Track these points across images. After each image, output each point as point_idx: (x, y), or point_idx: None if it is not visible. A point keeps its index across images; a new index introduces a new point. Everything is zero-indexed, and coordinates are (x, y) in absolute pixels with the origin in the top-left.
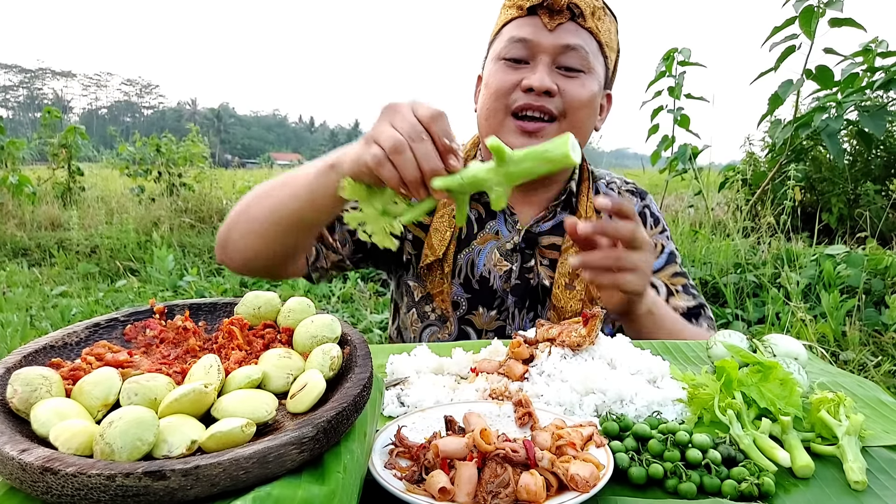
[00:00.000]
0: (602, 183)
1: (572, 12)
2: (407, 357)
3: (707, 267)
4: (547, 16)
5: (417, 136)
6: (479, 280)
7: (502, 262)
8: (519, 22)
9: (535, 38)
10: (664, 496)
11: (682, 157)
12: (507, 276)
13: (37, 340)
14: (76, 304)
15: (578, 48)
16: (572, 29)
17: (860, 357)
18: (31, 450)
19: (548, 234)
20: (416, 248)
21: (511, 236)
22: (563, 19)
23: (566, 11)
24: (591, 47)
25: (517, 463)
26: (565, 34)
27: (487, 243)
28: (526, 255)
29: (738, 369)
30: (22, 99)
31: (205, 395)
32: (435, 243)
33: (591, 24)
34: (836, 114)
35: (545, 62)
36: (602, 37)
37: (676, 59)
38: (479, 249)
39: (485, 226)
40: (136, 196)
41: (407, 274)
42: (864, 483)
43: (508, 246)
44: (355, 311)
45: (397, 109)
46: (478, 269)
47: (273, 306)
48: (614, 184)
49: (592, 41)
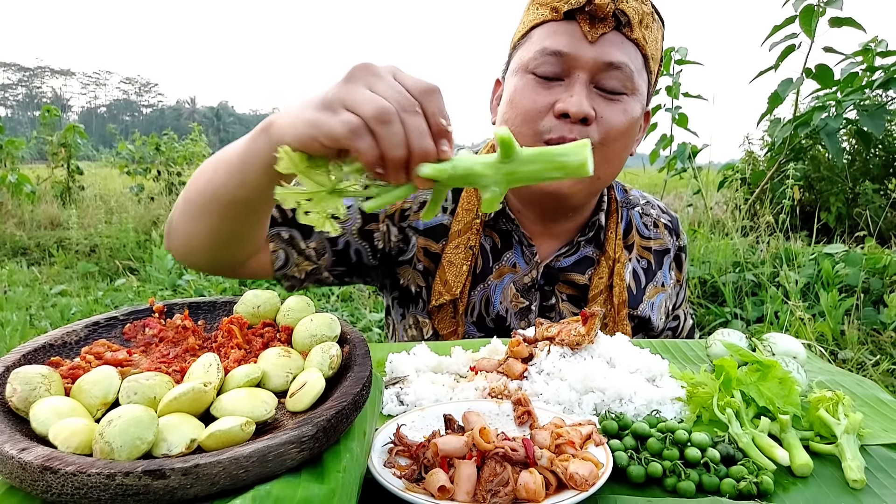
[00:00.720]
0: (636, 212)
1: (618, 20)
2: (406, 356)
3: (706, 266)
4: (588, 23)
5: (410, 107)
6: (494, 318)
7: (519, 300)
8: (552, 28)
9: (573, 52)
10: (663, 495)
11: (681, 156)
12: (523, 314)
13: (36, 339)
14: (75, 303)
15: (623, 66)
16: (617, 41)
17: (859, 356)
18: (31, 449)
19: (569, 270)
20: (425, 280)
21: (528, 270)
22: (606, 28)
23: (611, 19)
24: (637, 63)
25: (516, 461)
26: (608, 48)
27: (504, 277)
28: (545, 293)
29: (737, 368)
30: (21, 97)
31: (204, 393)
32: (450, 279)
33: (639, 35)
34: (835, 113)
35: (582, 81)
36: (649, 49)
37: (674, 59)
38: (495, 285)
39: (501, 258)
40: (136, 195)
41: (416, 307)
42: (862, 481)
43: (526, 280)
44: (354, 309)
45: (376, 72)
46: (494, 307)
47: (272, 305)
48: (649, 216)
49: (638, 56)
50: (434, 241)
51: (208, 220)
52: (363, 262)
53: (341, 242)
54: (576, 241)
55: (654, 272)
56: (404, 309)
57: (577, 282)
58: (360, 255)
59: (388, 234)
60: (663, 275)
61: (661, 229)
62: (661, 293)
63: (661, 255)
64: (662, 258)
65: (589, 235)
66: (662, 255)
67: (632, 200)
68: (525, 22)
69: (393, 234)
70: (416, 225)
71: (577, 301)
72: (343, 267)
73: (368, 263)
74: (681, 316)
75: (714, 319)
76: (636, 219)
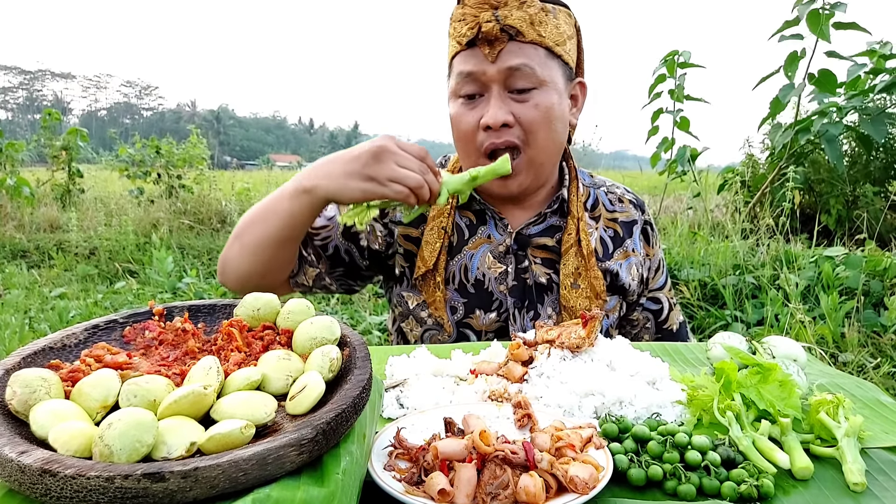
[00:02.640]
0: (602, 191)
1: (508, 34)
2: (406, 359)
3: (706, 268)
4: (486, 46)
5: (426, 171)
6: (474, 283)
7: (496, 265)
8: (463, 56)
9: (480, 70)
10: (663, 498)
11: (682, 158)
12: (502, 277)
13: (36, 342)
14: (75, 306)
15: (523, 67)
16: (514, 49)
17: (859, 358)
18: (30, 452)
19: (538, 235)
20: (407, 260)
21: (503, 239)
22: (502, 45)
23: (502, 35)
24: (538, 58)
25: (516, 464)
26: (508, 58)
27: (480, 247)
28: (519, 257)
29: (738, 371)
30: (21, 100)
31: (204, 396)
32: (426, 255)
33: (532, 35)
34: (836, 118)
35: (496, 92)
36: (549, 40)
37: (677, 62)
38: (472, 254)
39: (476, 231)
40: (136, 198)
41: (400, 286)
42: (863, 484)
43: (501, 248)
44: (354, 312)
45: (394, 151)
46: (471, 273)
47: (272, 308)
48: (614, 193)
49: (539, 51)
50: (414, 227)
51: (263, 256)
52: (355, 262)
53: (331, 247)
54: (543, 212)
55: (622, 239)
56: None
57: (547, 244)
58: (352, 256)
59: (374, 232)
60: (633, 242)
61: (626, 203)
62: (632, 257)
63: (630, 226)
64: (631, 227)
65: (554, 208)
66: (630, 225)
67: (597, 182)
68: (448, 54)
69: (378, 230)
70: (395, 218)
71: (550, 263)
72: (340, 268)
73: (360, 264)
74: (663, 300)
75: (714, 322)
76: (602, 196)
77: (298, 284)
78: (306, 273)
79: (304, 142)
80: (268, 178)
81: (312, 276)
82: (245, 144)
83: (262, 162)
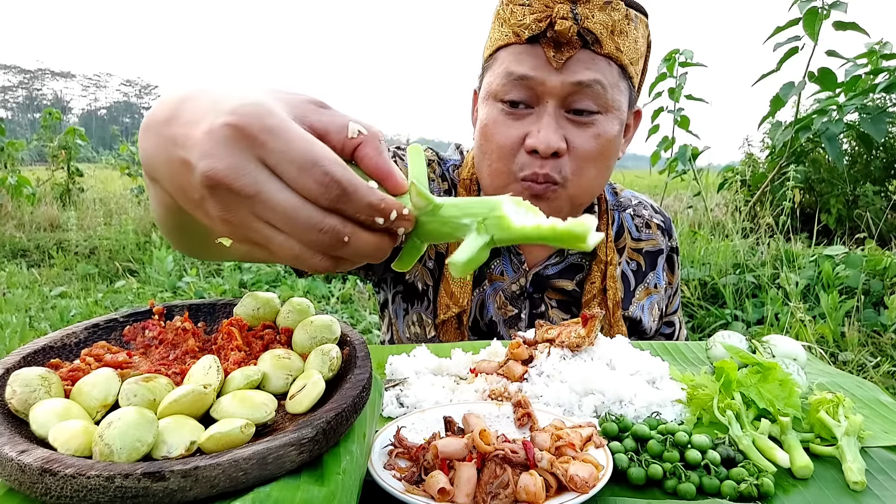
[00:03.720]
0: (628, 214)
1: (584, 40)
2: (406, 358)
3: (706, 268)
4: (552, 48)
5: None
6: (487, 324)
7: (507, 307)
8: (517, 51)
9: (539, 77)
10: (663, 497)
11: (682, 157)
12: (513, 321)
13: (36, 341)
14: (75, 305)
15: (593, 85)
16: (586, 60)
17: (859, 358)
18: (30, 451)
19: (557, 277)
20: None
21: (516, 277)
22: (572, 51)
23: (576, 40)
24: (611, 77)
25: (516, 464)
26: (577, 68)
27: (493, 283)
28: (535, 300)
29: (738, 370)
30: (21, 99)
31: (204, 395)
32: (455, 291)
33: (611, 48)
34: (836, 117)
35: (551, 111)
36: (626, 56)
37: (678, 61)
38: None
39: (490, 265)
40: (136, 197)
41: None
42: (863, 484)
43: (514, 288)
44: (354, 311)
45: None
46: (488, 312)
47: (272, 307)
48: (641, 217)
49: (613, 68)
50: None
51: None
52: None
53: None
54: (565, 251)
55: (644, 274)
56: (408, 304)
57: (566, 288)
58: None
59: None
60: (656, 276)
61: (654, 230)
62: (654, 294)
63: (654, 256)
64: (655, 259)
65: None
66: (655, 255)
67: (623, 202)
68: (492, 39)
69: None
70: None
71: (566, 306)
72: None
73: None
74: (675, 323)
75: (714, 321)
76: (628, 221)
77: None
78: None
79: None
80: None
81: None
82: None
83: None
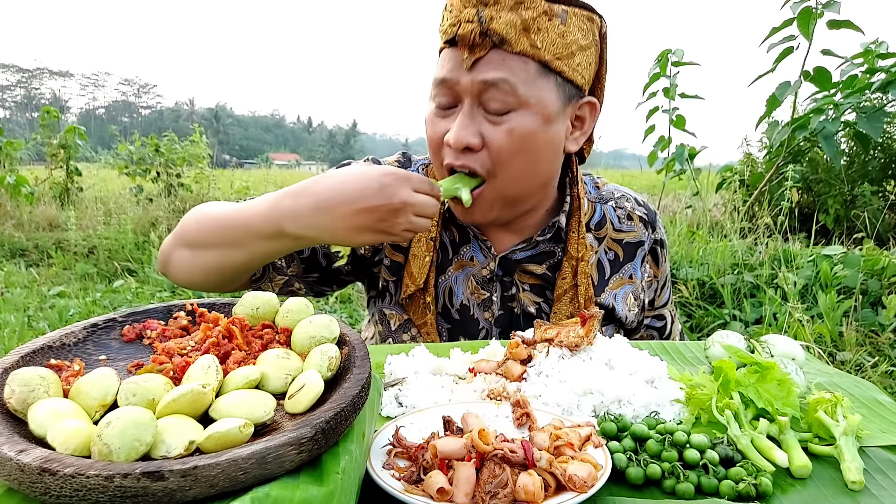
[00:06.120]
0: (610, 206)
1: (492, 41)
2: (405, 357)
3: (704, 268)
4: (466, 49)
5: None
6: (458, 309)
7: (479, 291)
8: (445, 54)
9: (454, 78)
10: (662, 496)
11: (679, 157)
12: (486, 304)
13: (34, 341)
14: (74, 305)
15: (500, 83)
16: (495, 60)
17: (857, 357)
18: (29, 450)
19: (527, 261)
20: (394, 274)
21: (487, 262)
22: (482, 52)
23: (486, 41)
24: (525, 74)
25: (515, 463)
26: (485, 69)
27: (463, 269)
28: (505, 283)
29: (736, 370)
30: (19, 99)
31: (203, 395)
32: (415, 271)
33: (524, 46)
34: (833, 116)
35: (466, 108)
36: (546, 52)
37: (670, 60)
38: (456, 276)
39: (459, 251)
40: (135, 196)
41: (382, 301)
42: (861, 483)
43: (485, 273)
44: (353, 311)
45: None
46: (456, 297)
47: (271, 307)
48: (623, 209)
49: (529, 65)
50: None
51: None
52: (332, 265)
53: (307, 250)
54: (534, 239)
55: (621, 264)
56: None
57: (535, 272)
58: (330, 259)
59: None
60: (633, 267)
61: (636, 222)
62: (628, 285)
63: (634, 248)
64: (635, 250)
65: (548, 236)
66: (635, 247)
67: (604, 195)
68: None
69: None
70: None
71: (540, 290)
72: (315, 273)
73: (342, 268)
74: (666, 316)
75: (712, 321)
76: (610, 212)
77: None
78: (272, 280)
79: (303, 140)
80: (266, 177)
81: (280, 284)
82: (244, 143)
83: (261, 161)
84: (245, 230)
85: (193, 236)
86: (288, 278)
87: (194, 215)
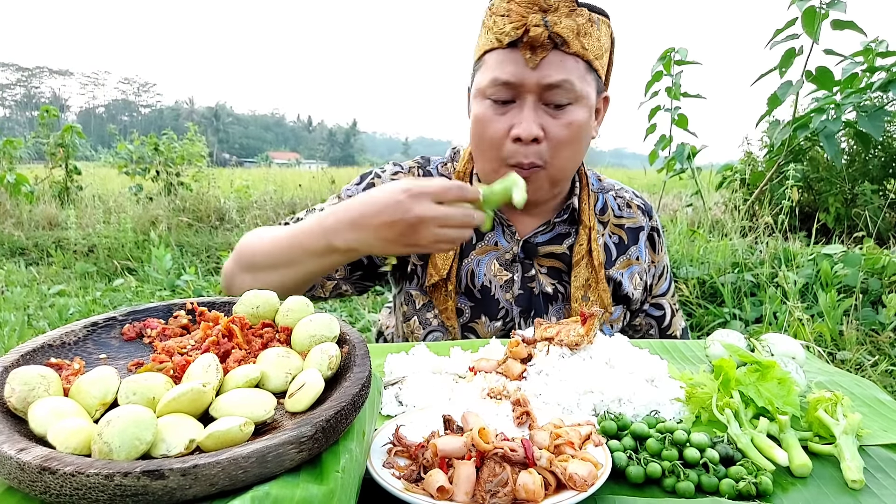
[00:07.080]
0: (611, 195)
1: (554, 42)
2: (405, 356)
3: (705, 266)
4: (528, 51)
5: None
6: (480, 290)
7: (502, 272)
8: (499, 56)
9: (518, 79)
10: (662, 495)
11: (680, 156)
12: (508, 285)
13: (34, 339)
14: (74, 304)
15: (563, 83)
16: (556, 61)
17: (857, 356)
18: (29, 449)
19: (546, 244)
20: (421, 258)
21: (510, 246)
22: (545, 52)
23: (547, 43)
24: (579, 72)
25: (515, 462)
26: (549, 69)
27: (487, 254)
28: (526, 265)
29: (736, 368)
30: (19, 97)
31: (203, 394)
32: (439, 263)
33: (577, 48)
34: (834, 115)
35: (530, 103)
36: (591, 53)
37: (673, 59)
38: (479, 260)
39: (483, 237)
40: (134, 195)
41: (410, 284)
42: (861, 482)
43: (508, 256)
44: (353, 310)
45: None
46: (478, 278)
47: (271, 305)
48: (622, 198)
49: (580, 64)
50: None
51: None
52: (375, 262)
53: None
54: (552, 221)
55: (626, 247)
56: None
57: (556, 252)
58: (372, 257)
59: None
60: (638, 249)
61: (635, 209)
62: (634, 265)
63: (636, 232)
64: (637, 234)
65: (564, 217)
66: (637, 231)
67: (605, 186)
68: (480, 45)
69: None
70: None
71: (556, 273)
72: (359, 272)
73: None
74: (665, 306)
75: (713, 320)
76: (610, 201)
77: (315, 298)
78: (324, 286)
79: (303, 139)
80: (266, 176)
81: (330, 288)
82: (244, 142)
83: (261, 159)
84: (300, 250)
85: (250, 260)
86: (337, 282)
87: (248, 241)
